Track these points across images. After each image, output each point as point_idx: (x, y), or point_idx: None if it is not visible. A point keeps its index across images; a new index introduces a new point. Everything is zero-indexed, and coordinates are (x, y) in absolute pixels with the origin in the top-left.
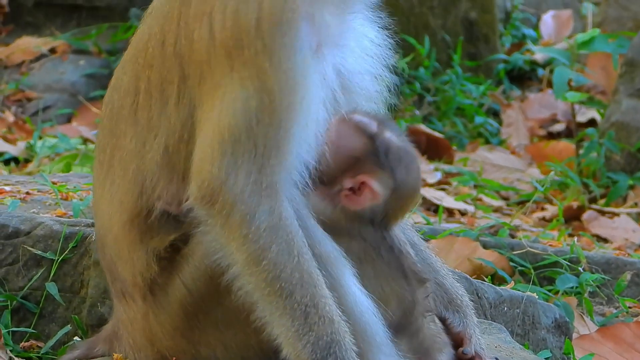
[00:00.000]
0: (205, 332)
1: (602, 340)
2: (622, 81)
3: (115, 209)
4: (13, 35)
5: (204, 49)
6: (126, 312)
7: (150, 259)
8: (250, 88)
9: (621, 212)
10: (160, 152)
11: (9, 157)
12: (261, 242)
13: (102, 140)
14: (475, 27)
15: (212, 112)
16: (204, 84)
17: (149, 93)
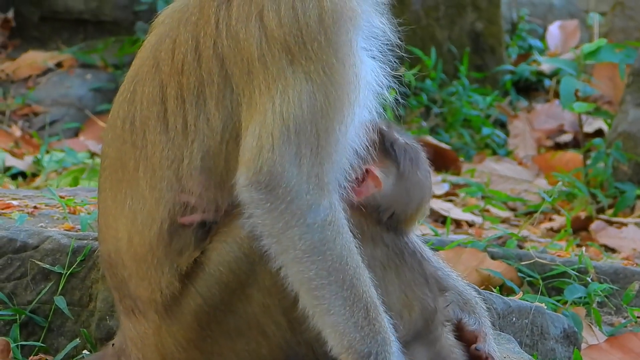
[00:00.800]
0: (217, 342)
1: (610, 350)
2: (629, 91)
3: (139, 227)
4: (19, 49)
5: (253, 47)
6: (135, 329)
7: (174, 276)
8: (317, 81)
9: (629, 222)
10: (199, 157)
11: (17, 171)
12: (327, 233)
13: (120, 156)
14: (481, 38)
15: (269, 104)
16: (253, 80)
17: (180, 99)
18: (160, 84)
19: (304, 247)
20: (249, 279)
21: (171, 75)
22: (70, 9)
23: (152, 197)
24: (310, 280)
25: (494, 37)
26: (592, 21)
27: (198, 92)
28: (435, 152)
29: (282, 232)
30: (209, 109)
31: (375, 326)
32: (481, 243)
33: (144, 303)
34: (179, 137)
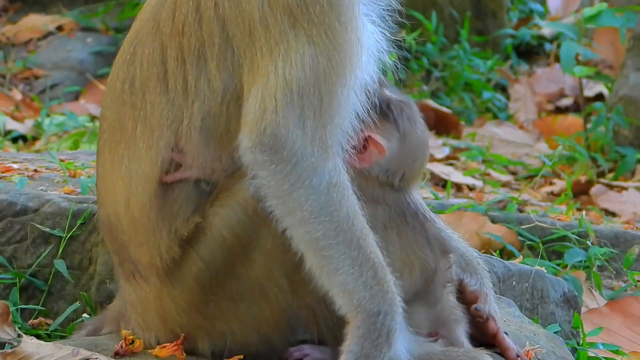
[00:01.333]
0: (220, 306)
1: (610, 314)
2: (630, 55)
3: (134, 189)
4: (20, 13)
5: (255, 9)
6: (136, 293)
7: (173, 241)
8: (320, 44)
9: (629, 186)
10: (199, 117)
11: (17, 135)
12: (332, 195)
13: (119, 117)
14: (482, 2)
15: (271, 66)
16: (255, 42)
17: (181, 60)
18: (160, 45)
19: (310, 208)
20: (251, 242)
21: (172, 37)
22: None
23: (148, 157)
24: (317, 240)
25: (494, 1)
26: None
27: (199, 54)
28: (436, 115)
29: (288, 194)
30: (210, 70)
31: (384, 286)
32: (482, 207)
33: (145, 267)
34: (179, 98)
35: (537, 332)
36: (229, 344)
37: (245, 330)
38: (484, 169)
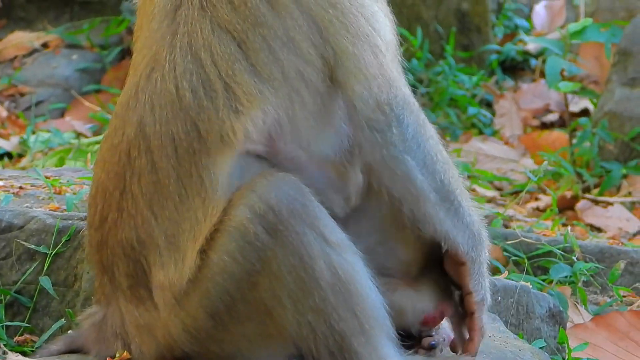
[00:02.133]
0: (228, 329)
1: (596, 329)
2: (614, 70)
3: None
4: (6, 30)
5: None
6: (143, 318)
7: (190, 264)
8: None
9: (615, 201)
10: (309, 99)
11: (2, 152)
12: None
13: (193, 128)
14: (467, 18)
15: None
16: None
17: (268, 49)
18: (234, 40)
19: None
20: (254, 267)
21: (245, 30)
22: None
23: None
24: (428, 186)
25: (480, 16)
26: (578, 0)
27: (288, 38)
28: None
29: (413, 141)
30: (304, 51)
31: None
32: None
33: (158, 292)
34: (282, 86)
35: (523, 347)
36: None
37: (253, 349)
38: (470, 185)
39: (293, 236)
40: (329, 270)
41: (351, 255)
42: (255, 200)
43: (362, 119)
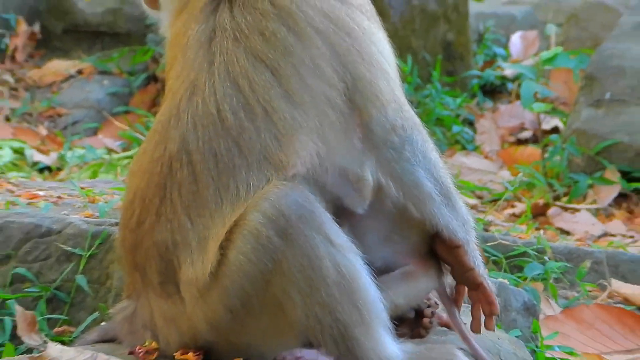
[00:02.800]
0: (245, 322)
1: (565, 320)
2: (582, 93)
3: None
4: (45, 58)
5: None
6: (171, 311)
7: (212, 262)
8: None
9: (582, 208)
10: (335, 116)
11: (43, 166)
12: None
13: (235, 144)
14: (452, 47)
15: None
16: (355, 42)
17: (298, 76)
18: (268, 69)
19: (433, 163)
20: (267, 267)
21: (277, 59)
22: (89, 22)
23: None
24: (439, 188)
25: (463, 46)
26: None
27: (314, 65)
28: None
29: (423, 157)
30: (328, 75)
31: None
32: None
33: (185, 288)
34: (312, 108)
35: (501, 336)
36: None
37: (267, 340)
38: None
39: (302, 239)
40: (334, 269)
41: (353, 255)
42: (268, 207)
43: (378, 140)
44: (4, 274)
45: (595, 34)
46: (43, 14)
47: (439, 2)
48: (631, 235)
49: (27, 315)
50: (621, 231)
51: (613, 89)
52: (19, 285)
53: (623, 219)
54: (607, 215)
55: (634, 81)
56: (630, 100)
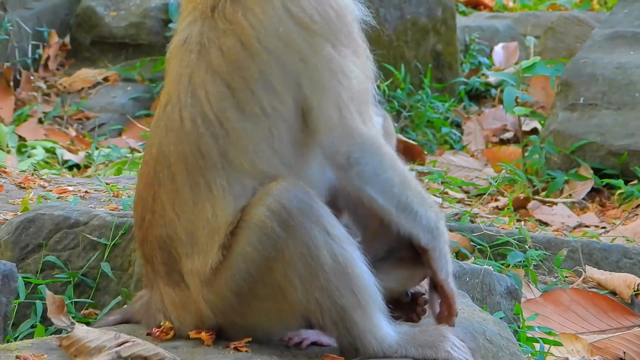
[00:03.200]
0: (249, 305)
1: (544, 303)
2: (558, 98)
3: (215, 214)
4: (74, 67)
5: (299, 39)
6: (178, 297)
7: (216, 255)
8: (353, 58)
9: (559, 201)
10: (285, 132)
11: (72, 164)
12: (395, 164)
13: (196, 149)
14: (441, 57)
15: (333, 81)
16: (309, 64)
17: (249, 90)
18: (223, 81)
19: (398, 179)
20: (271, 255)
21: (231, 73)
22: (115, 35)
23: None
24: (399, 201)
25: (451, 55)
26: (529, 43)
27: (263, 80)
28: (404, 147)
29: (384, 171)
30: (278, 92)
31: (437, 211)
32: None
33: (189, 277)
34: (263, 120)
35: (486, 318)
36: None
37: (271, 322)
38: (443, 189)
39: (302, 230)
40: (330, 257)
41: (349, 245)
42: (271, 201)
43: (327, 160)
44: (36, 261)
45: (570, 45)
46: (73, 27)
47: (429, 16)
48: (603, 227)
49: (56, 299)
50: (594, 222)
51: (586, 94)
52: (49, 272)
53: (596, 212)
54: (581, 208)
55: (605, 87)
56: (601, 104)
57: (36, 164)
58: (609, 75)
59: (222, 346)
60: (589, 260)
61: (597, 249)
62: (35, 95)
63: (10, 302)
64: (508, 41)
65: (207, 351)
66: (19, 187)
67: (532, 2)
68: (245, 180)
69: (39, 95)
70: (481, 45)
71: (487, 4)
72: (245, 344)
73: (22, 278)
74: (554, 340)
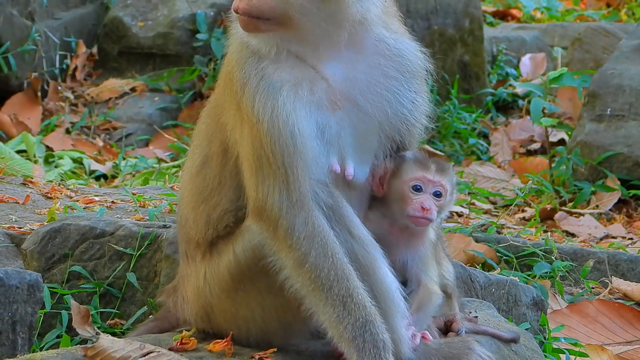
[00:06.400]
0: (248, 295)
1: (570, 314)
2: (585, 109)
3: (187, 181)
4: (102, 77)
5: (221, 85)
6: (186, 270)
7: (212, 227)
8: (243, 123)
9: (585, 212)
10: (218, 146)
11: (99, 174)
12: (303, 249)
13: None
14: (468, 67)
15: (238, 142)
16: (227, 113)
17: (215, 100)
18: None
19: (290, 264)
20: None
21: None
22: (142, 45)
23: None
24: (299, 289)
25: (478, 66)
26: (557, 54)
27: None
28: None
29: (276, 253)
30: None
31: (355, 315)
32: (467, 229)
33: (192, 248)
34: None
35: (512, 329)
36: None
37: (267, 318)
38: (470, 200)
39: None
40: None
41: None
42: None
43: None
44: (62, 271)
45: (597, 56)
46: (100, 38)
47: (457, 27)
48: (630, 238)
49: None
50: (621, 233)
51: (613, 106)
52: (75, 282)
53: (623, 223)
54: (608, 219)
55: (632, 98)
56: (628, 115)
57: (63, 174)
58: (636, 87)
59: (247, 356)
60: (615, 271)
61: (624, 260)
62: (62, 105)
63: (35, 312)
64: (535, 52)
65: None
66: (46, 197)
67: (559, 13)
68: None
69: (66, 106)
70: (508, 56)
71: (514, 15)
72: (270, 355)
73: (47, 288)
74: (580, 352)
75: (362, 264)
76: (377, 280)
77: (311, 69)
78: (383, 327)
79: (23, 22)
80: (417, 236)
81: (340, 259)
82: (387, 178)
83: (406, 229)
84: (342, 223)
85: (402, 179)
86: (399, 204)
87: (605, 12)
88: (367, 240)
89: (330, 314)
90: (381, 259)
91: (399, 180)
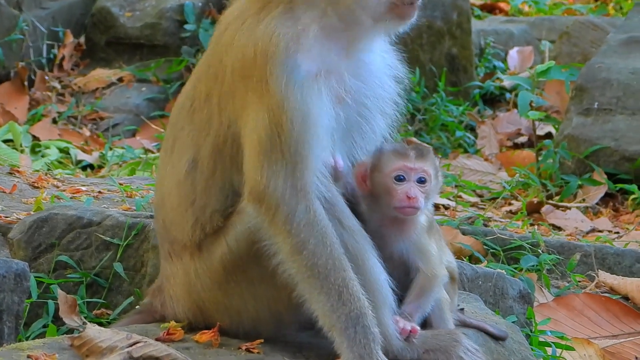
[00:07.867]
0: (239, 285)
1: (557, 307)
2: (572, 103)
3: (173, 187)
4: (89, 67)
5: (228, 75)
6: (170, 269)
7: (200, 226)
8: (262, 108)
9: (572, 206)
10: (209, 148)
11: (86, 164)
12: (302, 236)
13: (167, 132)
14: (455, 60)
15: (246, 128)
16: (234, 102)
17: (201, 100)
18: (193, 85)
19: (286, 249)
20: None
21: (198, 81)
22: (130, 35)
23: (179, 166)
24: (294, 275)
25: (466, 59)
26: (544, 47)
27: (207, 100)
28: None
29: (272, 238)
30: (214, 116)
31: (350, 306)
32: (454, 222)
33: (178, 247)
34: (197, 130)
35: (499, 322)
36: (243, 319)
37: (259, 308)
38: (457, 192)
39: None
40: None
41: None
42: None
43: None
44: (48, 261)
45: (585, 50)
46: (88, 28)
47: (444, 20)
48: (616, 231)
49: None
50: (607, 227)
51: (600, 99)
52: (62, 272)
53: (609, 217)
54: (594, 212)
55: (619, 92)
56: (615, 109)
57: (50, 164)
58: (624, 80)
59: (234, 347)
60: (602, 265)
61: (610, 253)
62: (49, 95)
63: (22, 302)
64: (523, 45)
65: (219, 352)
66: (33, 187)
67: (547, 6)
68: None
69: (53, 95)
70: (496, 49)
71: (502, 8)
72: (257, 346)
73: (34, 277)
74: (566, 345)
75: (351, 254)
76: (366, 271)
77: (343, 61)
78: (374, 321)
79: (10, 11)
80: (409, 224)
81: (337, 249)
82: (369, 174)
83: (397, 220)
84: (331, 212)
85: (383, 171)
86: (384, 197)
87: (593, 6)
88: (356, 230)
89: (324, 302)
90: (370, 249)
91: (381, 174)
